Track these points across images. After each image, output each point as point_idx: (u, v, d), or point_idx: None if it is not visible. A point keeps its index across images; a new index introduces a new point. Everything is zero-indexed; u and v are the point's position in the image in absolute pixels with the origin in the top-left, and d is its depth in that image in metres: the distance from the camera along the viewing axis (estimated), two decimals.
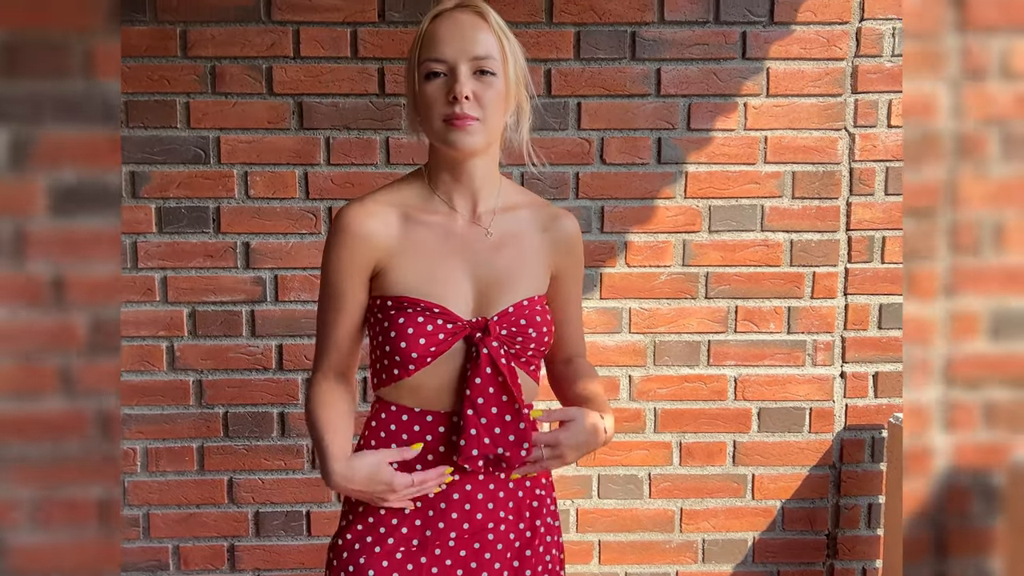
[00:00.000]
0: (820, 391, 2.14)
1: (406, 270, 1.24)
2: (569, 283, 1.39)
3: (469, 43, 1.17)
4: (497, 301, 1.25)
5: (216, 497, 2.12)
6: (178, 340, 2.08)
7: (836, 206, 2.10)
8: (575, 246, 1.37)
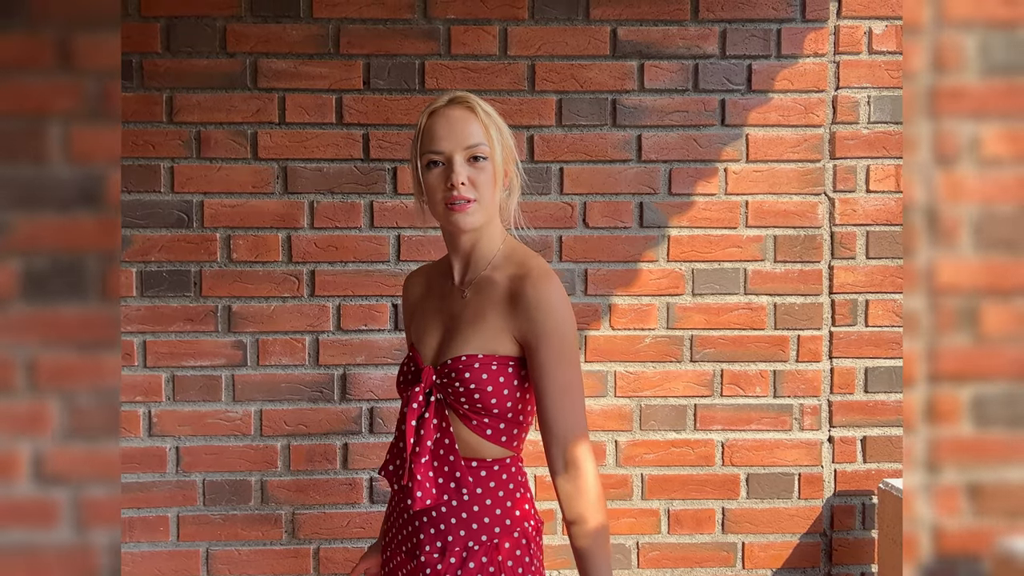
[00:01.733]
0: (808, 456, 2.11)
1: (412, 323, 1.51)
2: (537, 354, 1.33)
3: (461, 135, 1.34)
4: (446, 353, 1.38)
5: (191, 569, 2.05)
6: (156, 405, 2.04)
7: (818, 269, 2.11)
8: (534, 313, 1.32)
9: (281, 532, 2.06)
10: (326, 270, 2.05)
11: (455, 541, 1.36)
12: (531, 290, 1.32)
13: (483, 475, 1.36)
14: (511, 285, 1.35)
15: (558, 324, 1.32)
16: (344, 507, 2.06)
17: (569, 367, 1.33)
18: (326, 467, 2.06)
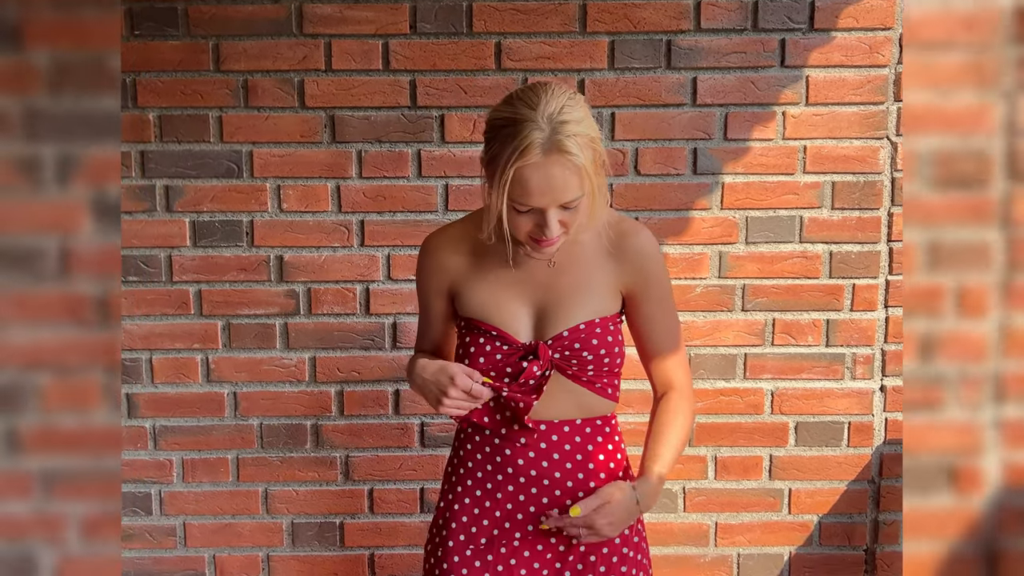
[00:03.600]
0: (859, 405, 2.10)
1: (473, 295, 1.39)
2: (645, 302, 1.41)
3: (559, 193, 1.21)
4: (554, 325, 1.36)
5: (251, 508, 2.13)
6: (213, 352, 2.09)
7: (877, 217, 2.05)
8: (645, 264, 1.39)
9: (336, 474, 2.12)
10: (375, 220, 2.05)
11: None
12: (634, 241, 1.38)
13: (607, 432, 1.43)
14: (608, 241, 1.37)
15: (662, 267, 1.41)
16: (396, 450, 2.12)
17: (673, 306, 1.45)
18: (378, 412, 2.11)
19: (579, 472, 1.40)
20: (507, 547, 1.40)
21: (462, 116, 2.01)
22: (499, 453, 1.41)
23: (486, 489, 1.42)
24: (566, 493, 1.40)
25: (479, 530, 1.42)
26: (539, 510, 1.40)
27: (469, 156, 2.02)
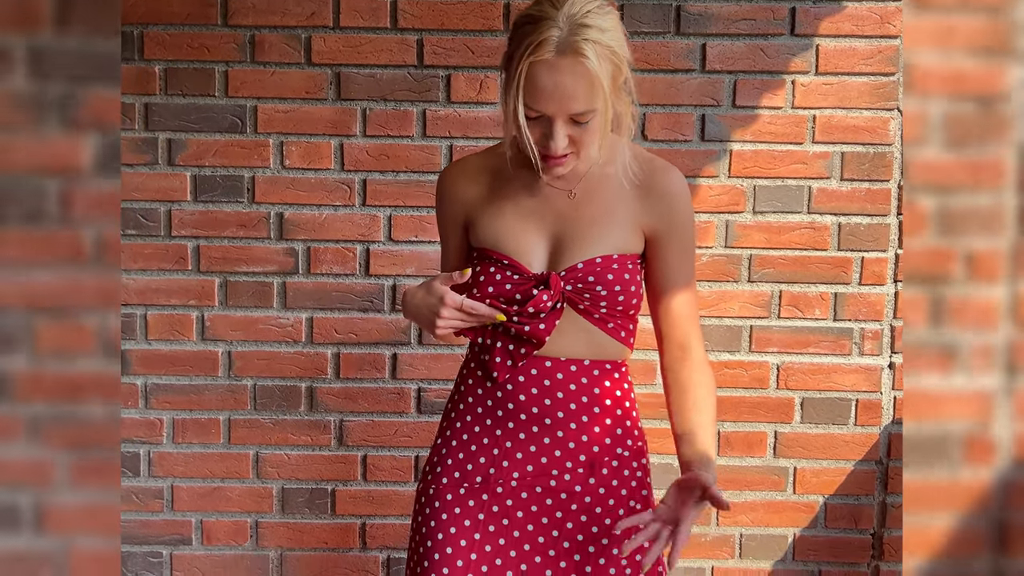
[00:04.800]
0: (867, 382, 2.05)
1: (487, 224, 1.34)
2: (669, 247, 1.34)
3: (566, 100, 1.17)
4: (569, 257, 1.30)
5: (241, 471, 2.08)
6: (209, 310, 2.06)
7: (887, 189, 2.02)
8: (674, 205, 1.33)
9: (330, 438, 2.08)
10: (377, 179, 2.03)
11: (602, 452, 1.34)
12: (664, 180, 1.32)
13: (616, 377, 1.37)
14: (637, 177, 1.31)
15: (690, 213, 1.35)
16: (392, 416, 2.07)
17: (693, 259, 1.39)
18: (375, 376, 2.06)
19: (583, 415, 1.34)
20: (504, 487, 1.34)
21: (469, 76, 2.00)
22: (500, 388, 1.35)
23: (485, 425, 1.36)
24: (569, 435, 1.34)
25: (475, 468, 1.35)
26: (540, 450, 1.34)
27: (475, 117, 2.00)
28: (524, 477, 1.34)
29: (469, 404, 1.38)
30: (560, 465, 1.33)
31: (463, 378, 1.41)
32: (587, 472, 1.34)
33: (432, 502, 1.36)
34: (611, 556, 1.35)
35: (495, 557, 1.33)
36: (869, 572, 2.09)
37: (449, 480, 1.36)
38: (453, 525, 1.33)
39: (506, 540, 1.34)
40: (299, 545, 2.09)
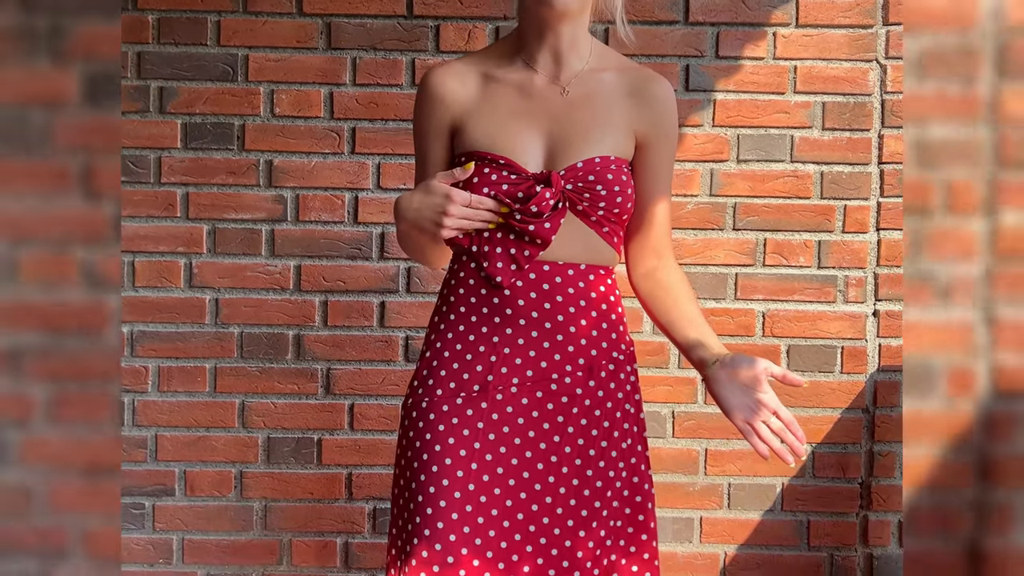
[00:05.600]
0: (852, 329, 2.07)
1: (479, 126, 1.32)
2: (655, 155, 1.37)
3: None
4: (567, 157, 1.31)
5: (227, 420, 2.07)
6: (196, 257, 2.06)
7: (868, 138, 2.06)
8: (664, 112, 1.36)
9: (317, 387, 2.07)
10: (366, 127, 2.05)
11: (599, 355, 1.34)
12: (658, 88, 1.36)
13: (609, 283, 1.38)
14: (631, 81, 1.35)
15: (676, 122, 1.40)
16: (380, 364, 2.07)
17: (671, 176, 1.43)
18: (363, 324, 2.07)
19: (581, 318, 1.34)
20: (504, 393, 1.31)
21: (458, 26, 2.04)
22: (496, 295, 1.33)
23: (481, 334, 1.33)
24: (568, 339, 1.33)
25: (472, 376, 1.32)
26: (539, 355, 1.32)
27: None
28: (524, 383, 1.32)
29: (462, 314, 1.35)
30: (560, 369, 1.32)
31: (451, 289, 1.38)
32: (586, 375, 1.33)
33: (427, 414, 1.32)
34: (610, 458, 1.34)
35: (496, 465, 1.30)
36: (857, 521, 2.08)
37: (444, 391, 1.33)
38: (451, 435, 1.30)
39: (507, 448, 1.31)
40: (284, 496, 2.07)
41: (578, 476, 1.32)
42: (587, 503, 1.32)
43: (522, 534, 1.30)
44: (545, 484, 1.31)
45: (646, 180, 1.38)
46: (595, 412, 1.34)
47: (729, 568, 2.07)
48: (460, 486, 1.29)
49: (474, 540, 1.28)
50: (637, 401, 1.40)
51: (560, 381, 1.32)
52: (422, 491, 1.29)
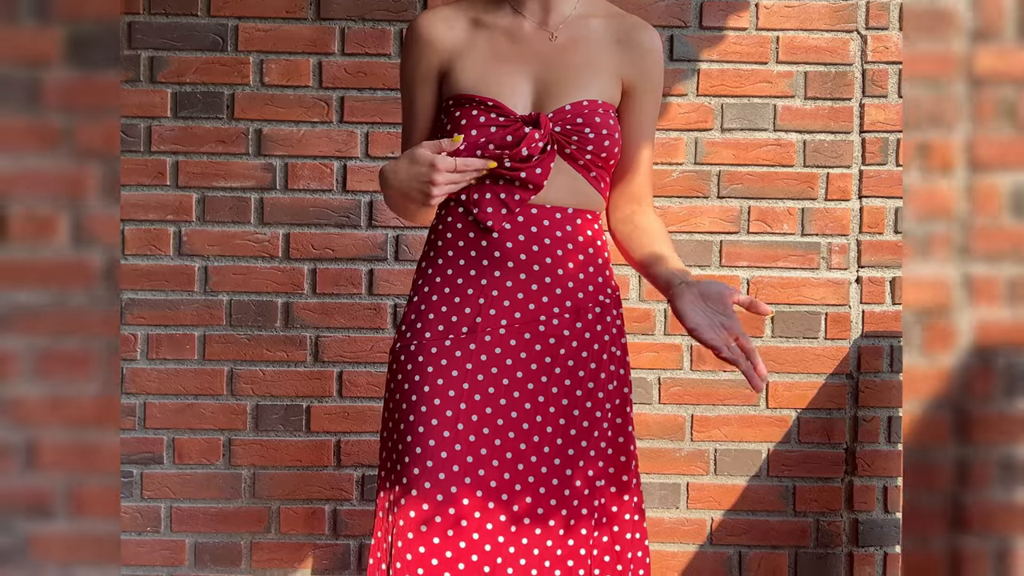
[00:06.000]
0: (836, 295, 2.09)
1: (467, 70, 1.35)
2: (640, 102, 1.41)
3: None
4: (555, 100, 1.33)
5: (215, 388, 2.07)
6: (186, 225, 2.07)
7: (849, 107, 2.09)
8: (651, 60, 1.40)
9: (305, 354, 2.08)
10: (355, 96, 2.07)
11: (586, 298, 1.36)
12: (646, 36, 1.40)
13: (596, 228, 1.41)
14: (619, 29, 1.38)
15: (662, 71, 1.43)
16: (368, 332, 2.08)
17: (655, 127, 1.47)
18: (351, 292, 2.08)
19: (569, 261, 1.36)
20: (492, 335, 1.33)
21: None
22: (485, 238, 1.35)
23: (469, 276, 1.35)
24: (556, 281, 1.35)
25: (460, 319, 1.34)
26: (527, 297, 1.34)
27: None
28: (512, 324, 1.34)
29: (450, 258, 1.37)
30: (548, 311, 1.34)
31: (439, 233, 1.40)
32: (573, 317, 1.35)
33: (415, 357, 1.34)
34: (597, 399, 1.36)
35: (484, 406, 1.32)
36: (843, 487, 2.09)
37: (433, 333, 1.34)
38: (440, 376, 1.32)
39: (496, 388, 1.33)
40: (272, 463, 2.07)
41: (566, 416, 1.34)
42: (575, 442, 1.34)
43: (511, 473, 1.32)
44: (533, 424, 1.33)
45: (631, 127, 1.42)
46: (582, 353, 1.36)
47: (716, 533, 2.08)
48: (449, 426, 1.30)
49: (463, 479, 1.29)
50: (623, 345, 1.42)
51: (548, 323, 1.34)
52: (411, 432, 1.30)
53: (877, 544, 2.07)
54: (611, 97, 1.38)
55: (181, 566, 2.07)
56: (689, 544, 2.08)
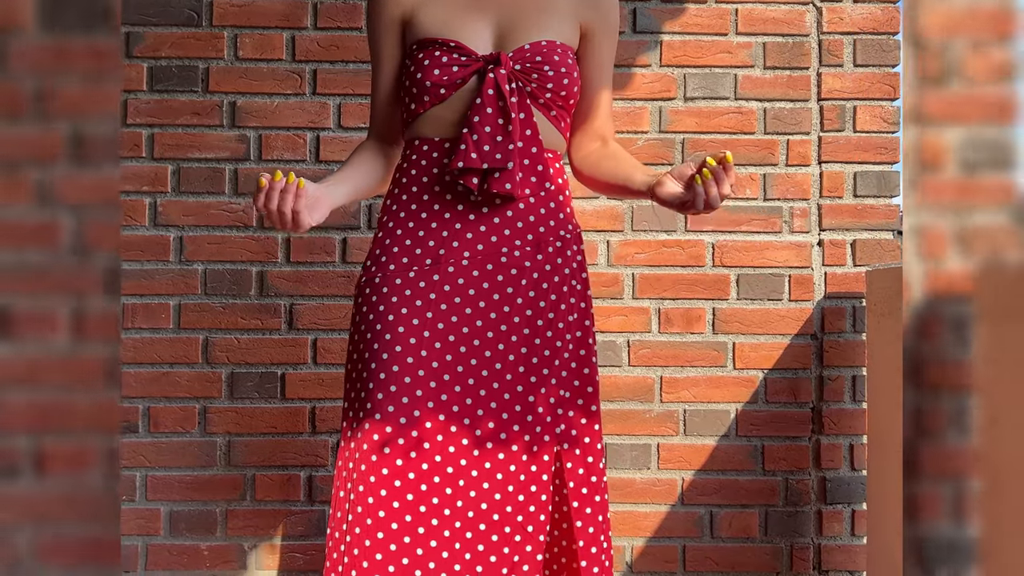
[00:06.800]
0: (798, 257, 2.15)
1: (429, 16, 1.41)
2: (598, 45, 1.48)
3: None
4: (515, 41, 1.40)
5: (190, 356, 2.09)
6: (161, 196, 2.11)
7: (807, 76, 2.16)
8: (607, 4, 1.48)
9: (280, 322, 2.11)
10: (328, 69, 2.12)
11: (547, 232, 1.41)
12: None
13: (557, 167, 1.46)
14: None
15: (618, 18, 1.51)
16: (342, 299, 2.11)
17: (613, 60, 1.53)
18: (325, 260, 2.11)
19: (530, 196, 1.40)
20: (455, 266, 1.37)
21: None
22: (448, 173, 1.38)
23: (432, 211, 1.40)
24: (517, 215, 1.39)
25: (424, 251, 1.38)
26: (489, 230, 1.38)
27: None
28: (475, 256, 1.38)
29: (413, 193, 1.42)
30: (509, 243, 1.39)
31: (404, 171, 1.45)
32: (534, 250, 1.40)
33: (380, 288, 1.38)
34: (558, 329, 1.40)
35: (448, 334, 1.36)
36: (810, 445, 2.13)
37: (397, 266, 1.39)
38: (404, 306, 1.36)
39: (459, 317, 1.37)
40: (247, 430, 2.09)
41: (527, 344, 1.38)
42: (536, 370, 1.37)
43: (473, 398, 1.35)
44: (495, 351, 1.36)
45: (590, 70, 1.48)
46: (543, 285, 1.40)
47: (687, 493, 2.11)
48: (413, 352, 1.34)
49: (427, 403, 1.32)
50: (584, 280, 1.46)
51: (510, 254, 1.39)
52: (375, 359, 1.34)
53: (845, 501, 2.11)
54: (569, 39, 1.44)
55: (156, 535, 2.07)
56: (661, 504, 2.11)
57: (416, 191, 1.42)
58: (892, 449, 1.85)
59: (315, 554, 2.08)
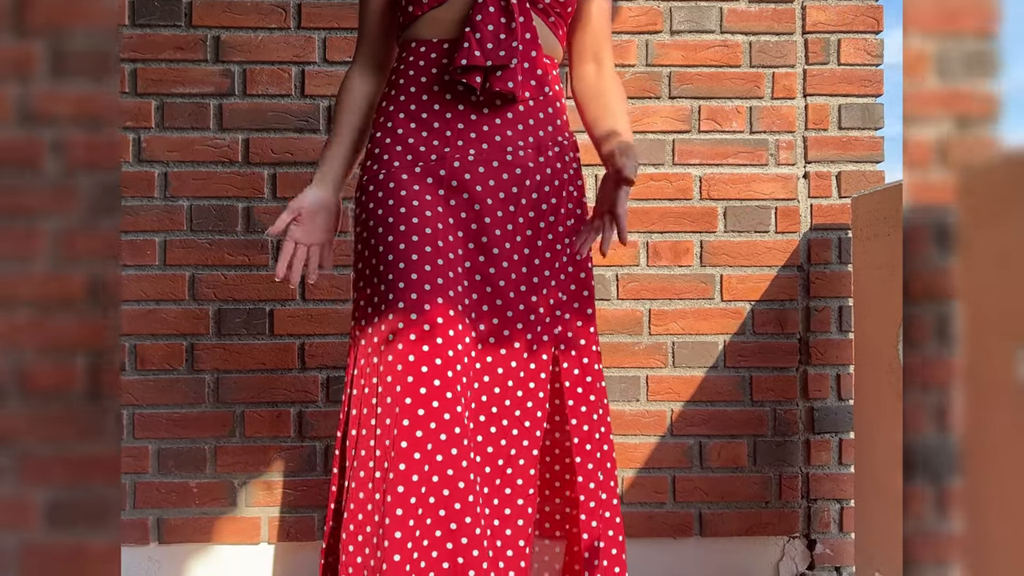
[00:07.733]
0: (784, 189, 2.16)
1: None
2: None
3: None
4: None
5: (177, 293, 2.08)
6: (145, 132, 2.08)
7: (792, 9, 2.17)
8: None
9: (267, 258, 2.09)
10: (312, 3, 2.10)
11: (546, 136, 1.41)
12: None
13: (555, 74, 1.45)
14: None
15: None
16: None
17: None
18: None
19: (530, 99, 1.39)
20: (461, 162, 1.35)
21: None
22: (448, 72, 1.36)
23: (433, 111, 1.37)
24: (518, 116, 1.39)
25: (428, 148, 1.36)
26: (492, 129, 1.36)
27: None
28: (480, 154, 1.36)
29: (412, 94, 1.39)
30: (513, 143, 1.37)
31: (400, 72, 1.42)
32: (535, 152, 1.39)
33: (385, 184, 1.35)
34: (558, 232, 1.40)
35: (457, 229, 1.34)
36: (797, 376, 2.15)
37: (401, 162, 1.36)
38: (414, 198, 1.33)
39: (467, 213, 1.35)
40: (236, 367, 2.08)
41: (530, 245, 1.38)
42: (539, 271, 1.37)
43: (479, 294, 1.34)
44: (502, 249, 1.36)
45: None
46: (544, 187, 1.40)
47: (676, 424, 2.13)
48: (431, 241, 1.30)
49: (436, 298, 1.27)
50: (580, 187, 1.46)
51: (515, 154, 1.38)
52: (392, 250, 1.30)
53: (832, 430, 2.13)
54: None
55: (144, 473, 2.06)
56: (650, 435, 2.12)
57: (415, 91, 1.39)
58: (879, 378, 1.87)
59: (305, 490, 2.07)
